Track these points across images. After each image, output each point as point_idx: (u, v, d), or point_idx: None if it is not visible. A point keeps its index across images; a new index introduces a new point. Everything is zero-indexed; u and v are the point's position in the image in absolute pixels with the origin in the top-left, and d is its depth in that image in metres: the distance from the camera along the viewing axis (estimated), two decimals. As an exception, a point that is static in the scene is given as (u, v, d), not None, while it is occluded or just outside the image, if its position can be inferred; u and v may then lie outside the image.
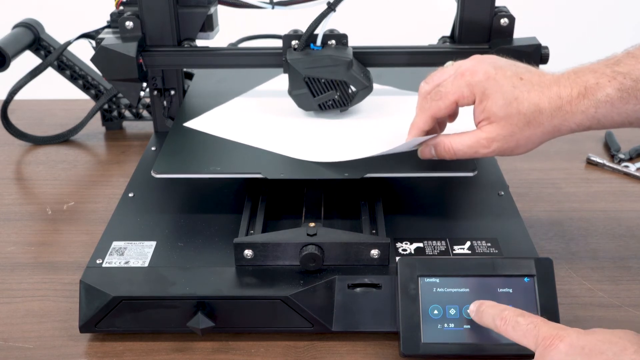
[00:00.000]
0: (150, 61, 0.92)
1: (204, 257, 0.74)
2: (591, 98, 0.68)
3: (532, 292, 0.68)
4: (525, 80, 0.70)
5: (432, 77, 0.75)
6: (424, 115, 0.74)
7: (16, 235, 0.89)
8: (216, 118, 0.92)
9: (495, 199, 0.84)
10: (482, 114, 0.71)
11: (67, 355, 0.70)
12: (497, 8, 0.91)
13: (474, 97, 0.71)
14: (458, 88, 0.71)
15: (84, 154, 1.11)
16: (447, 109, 0.72)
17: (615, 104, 0.68)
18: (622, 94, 0.67)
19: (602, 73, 0.68)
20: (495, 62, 0.72)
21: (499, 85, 0.70)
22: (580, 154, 1.07)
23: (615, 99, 0.67)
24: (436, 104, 0.72)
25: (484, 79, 0.70)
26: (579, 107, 0.68)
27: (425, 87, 0.75)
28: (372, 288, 0.71)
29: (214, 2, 0.95)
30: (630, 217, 0.92)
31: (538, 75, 0.71)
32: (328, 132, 0.87)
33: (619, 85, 0.67)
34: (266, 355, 0.70)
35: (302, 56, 0.87)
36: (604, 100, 0.68)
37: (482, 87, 0.70)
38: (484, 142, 0.71)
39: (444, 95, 0.72)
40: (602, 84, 0.68)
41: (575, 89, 0.69)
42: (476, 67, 0.71)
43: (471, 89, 0.70)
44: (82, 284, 0.71)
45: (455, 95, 0.71)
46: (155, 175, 0.78)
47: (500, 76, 0.70)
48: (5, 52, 1.03)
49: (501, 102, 0.69)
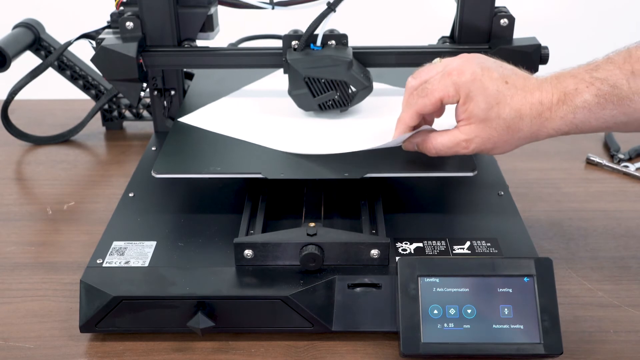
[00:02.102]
0: (150, 61, 0.92)
1: (204, 257, 0.74)
2: (570, 104, 0.69)
3: (531, 292, 0.68)
4: (510, 84, 0.71)
5: (419, 72, 0.76)
6: (409, 110, 0.74)
7: (16, 235, 0.89)
8: (213, 113, 0.92)
9: (495, 199, 0.84)
10: (464, 114, 0.72)
11: (67, 355, 0.70)
12: (497, 8, 0.91)
13: (459, 96, 0.71)
14: (444, 86, 0.71)
15: (84, 154, 1.11)
16: (432, 106, 0.73)
17: (592, 110, 0.68)
18: (599, 99, 0.68)
19: (581, 79, 0.69)
20: (483, 62, 0.72)
21: (483, 88, 0.70)
22: (580, 154, 1.07)
23: (592, 104, 0.68)
24: (422, 100, 0.73)
25: (470, 80, 0.70)
26: (558, 113, 0.69)
27: (412, 82, 0.75)
28: (372, 288, 0.71)
29: (214, 2, 0.95)
30: (630, 217, 0.92)
31: (523, 79, 0.71)
32: (323, 128, 0.87)
33: (597, 91, 0.68)
34: (266, 355, 0.70)
35: (302, 56, 0.87)
36: (581, 106, 0.68)
37: (467, 89, 0.70)
38: (463, 143, 0.72)
39: (430, 92, 0.72)
40: (581, 89, 0.68)
41: (555, 94, 0.69)
42: (464, 67, 0.71)
43: (457, 88, 0.71)
44: (82, 284, 0.71)
45: (441, 94, 0.72)
46: (155, 175, 0.78)
47: (486, 78, 0.71)
48: (6, 52, 1.03)
49: (483, 105, 0.70)
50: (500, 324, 0.67)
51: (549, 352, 0.66)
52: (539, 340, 0.66)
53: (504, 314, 0.67)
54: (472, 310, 0.68)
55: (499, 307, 0.68)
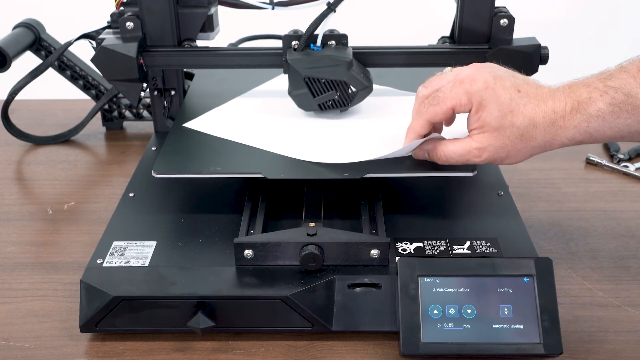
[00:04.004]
0: (150, 61, 0.92)
1: (204, 257, 0.74)
2: (583, 112, 0.68)
3: (531, 292, 0.68)
4: (523, 92, 0.70)
5: (430, 81, 0.75)
6: (420, 119, 0.74)
7: (16, 235, 0.89)
8: (216, 119, 0.92)
9: (495, 199, 0.84)
10: (477, 122, 0.71)
11: (67, 355, 0.71)
12: (497, 8, 0.91)
13: (471, 105, 0.71)
14: (456, 95, 0.71)
15: (84, 154, 1.11)
16: (444, 115, 0.73)
17: (606, 118, 0.68)
18: (613, 108, 0.68)
19: (594, 87, 0.69)
20: (495, 71, 0.72)
21: (496, 96, 0.70)
22: (579, 154, 1.07)
23: (606, 113, 0.68)
24: (433, 109, 0.72)
25: (483, 88, 0.70)
26: (572, 122, 0.69)
27: (423, 91, 0.75)
28: (372, 288, 0.71)
29: (214, 3, 0.95)
30: (630, 217, 0.92)
31: (535, 88, 0.71)
32: (328, 132, 0.87)
33: (611, 100, 0.68)
34: (266, 355, 0.70)
35: (302, 56, 0.87)
36: (595, 115, 0.68)
37: (479, 97, 0.70)
38: (476, 152, 0.72)
39: (441, 100, 0.72)
40: (594, 98, 0.68)
41: (569, 103, 0.69)
42: (476, 76, 0.71)
43: (469, 97, 0.71)
44: (82, 284, 0.71)
45: (453, 102, 0.71)
46: (156, 175, 0.78)
47: (499, 86, 0.70)
48: (6, 52, 1.03)
49: (497, 113, 0.70)
50: (500, 324, 0.67)
51: (549, 352, 0.66)
52: (539, 340, 0.66)
53: (503, 313, 0.67)
54: (472, 310, 0.68)
55: (498, 307, 0.68)
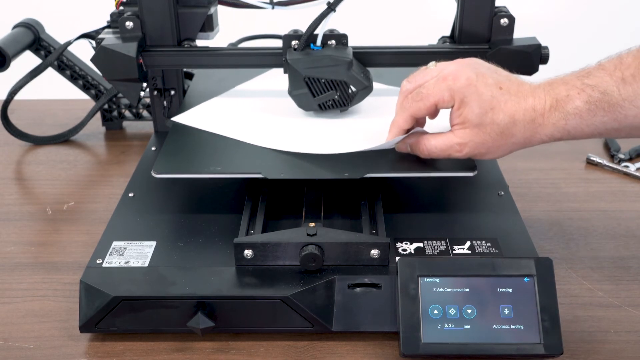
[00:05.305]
0: (150, 61, 0.92)
1: (204, 257, 0.74)
2: (561, 110, 0.69)
3: (532, 292, 0.68)
4: (504, 89, 0.71)
5: (414, 76, 0.76)
6: (404, 114, 0.75)
7: (16, 235, 0.89)
8: (206, 113, 0.92)
9: (495, 199, 0.84)
10: (459, 118, 0.72)
11: (67, 355, 0.70)
12: (497, 8, 0.91)
13: (454, 101, 0.72)
14: (439, 91, 0.72)
15: (84, 154, 1.11)
16: (427, 110, 0.74)
17: (584, 116, 0.69)
18: (590, 106, 0.69)
19: (572, 85, 0.70)
20: (478, 67, 0.73)
21: (478, 94, 0.71)
22: (580, 154, 1.07)
23: (583, 111, 0.69)
24: (417, 104, 0.74)
25: (465, 85, 0.71)
26: (550, 120, 0.70)
27: (407, 86, 0.76)
28: (372, 288, 0.71)
29: (214, 2, 0.95)
30: (630, 217, 0.92)
31: (517, 85, 0.72)
32: (321, 128, 0.87)
33: (587, 98, 0.69)
34: (266, 355, 0.70)
35: (302, 56, 0.87)
36: (573, 113, 0.69)
37: (462, 94, 0.71)
38: (457, 147, 0.73)
39: (424, 96, 0.73)
40: (572, 96, 0.69)
41: (548, 101, 0.70)
42: (459, 72, 0.72)
43: (452, 93, 0.72)
44: (82, 284, 0.71)
45: (435, 98, 0.73)
46: (155, 175, 0.78)
47: (481, 83, 0.71)
48: (6, 52, 1.03)
49: (478, 110, 0.71)
50: (500, 324, 0.67)
51: (549, 352, 0.66)
52: (539, 340, 0.66)
53: (504, 314, 0.67)
54: (472, 311, 0.68)
55: (499, 307, 0.67)
